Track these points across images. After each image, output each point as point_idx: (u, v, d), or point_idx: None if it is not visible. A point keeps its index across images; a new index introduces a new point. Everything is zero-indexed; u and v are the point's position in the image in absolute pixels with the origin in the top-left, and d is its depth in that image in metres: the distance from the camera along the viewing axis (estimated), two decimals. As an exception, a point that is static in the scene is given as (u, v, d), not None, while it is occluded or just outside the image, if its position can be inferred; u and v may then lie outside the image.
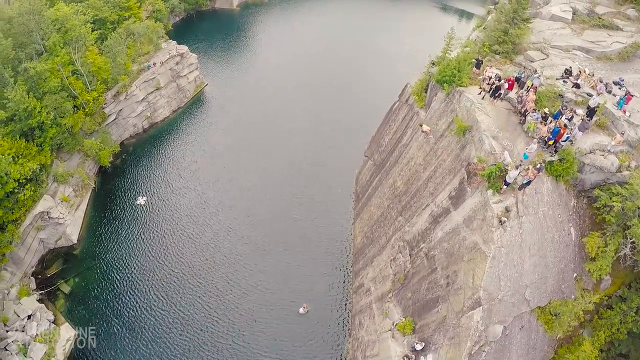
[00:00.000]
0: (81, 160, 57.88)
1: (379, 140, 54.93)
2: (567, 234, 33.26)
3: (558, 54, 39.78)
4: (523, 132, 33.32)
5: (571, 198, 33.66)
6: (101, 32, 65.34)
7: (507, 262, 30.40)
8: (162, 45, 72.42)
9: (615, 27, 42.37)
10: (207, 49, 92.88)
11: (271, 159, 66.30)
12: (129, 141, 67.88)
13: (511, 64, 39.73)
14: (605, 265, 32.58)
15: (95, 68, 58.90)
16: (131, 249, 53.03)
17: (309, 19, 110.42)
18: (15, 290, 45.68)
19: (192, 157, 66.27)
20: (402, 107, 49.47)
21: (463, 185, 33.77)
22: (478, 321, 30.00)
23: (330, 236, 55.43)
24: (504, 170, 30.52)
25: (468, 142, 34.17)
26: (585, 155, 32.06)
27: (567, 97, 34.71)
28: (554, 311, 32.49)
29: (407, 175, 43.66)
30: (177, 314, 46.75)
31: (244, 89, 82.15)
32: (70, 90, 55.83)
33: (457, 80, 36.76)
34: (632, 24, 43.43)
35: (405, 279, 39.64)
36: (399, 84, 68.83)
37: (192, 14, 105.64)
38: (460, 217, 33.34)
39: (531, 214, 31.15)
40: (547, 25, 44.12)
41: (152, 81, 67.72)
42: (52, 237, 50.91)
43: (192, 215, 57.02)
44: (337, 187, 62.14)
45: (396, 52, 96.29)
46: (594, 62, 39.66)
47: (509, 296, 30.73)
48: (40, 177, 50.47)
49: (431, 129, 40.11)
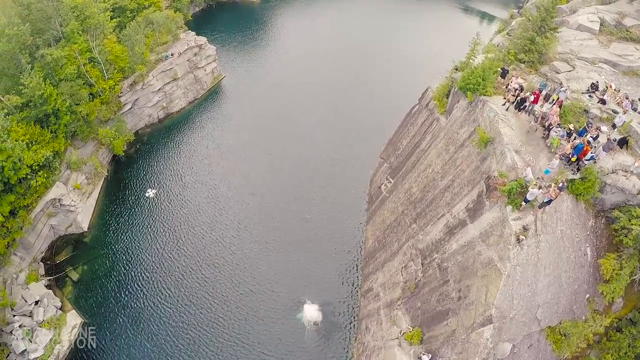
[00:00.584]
0: (95, 148, 58.01)
1: (396, 143, 54.12)
2: (583, 254, 32.51)
3: (584, 66, 38.67)
4: (546, 147, 32.49)
5: (590, 218, 32.83)
6: (120, 20, 65.22)
7: (522, 281, 29.75)
8: (181, 35, 72.13)
9: (642, 40, 41.22)
10: (226, 41, 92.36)
11: (285, 156, 65.99)
12: (143, 131, 67.92)
13: (536, 74, 38.70)
14: (618, 288, 31.92)
15: (113, 56, 58.84)
16: (140, 240, 53.14)
17: (328, 13, 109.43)
18: (24, 275, 46.01)
19: (206, 150, 66.18)
20: (422, 111, 48.59)
21: (481, 199, 33.02)
22: (488, 338, 29.51)
23: (342, 237, 55.27)
24: (525, 187, 29.79)
25: (489, 155, 33.38)
26: (607, 175, 31.13)
27: (592, 113, 33.73)
28: (563, 331, 31.90)
29: (423, 182, 42.93)
30: (182, 309, 46.83)
31: (261, 83, 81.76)
32: (86, 77, 55.79)
33: (481, 88, 35.78)
34: (662, 38, 42.18)
35: (415, 288, 39.17)
36: (417, 85, 68.15)
37: (213, 4, 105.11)
38: (477, 231, 32.64)
39: (549, 233, 30.42)
40: (574, 35, 42.92)
41: (169, 71, 67.54)
42: (62, 224, 51.21)
43: (202, 210, 56.99)
44: (351, 188, 61.66)
45: (415, 52, 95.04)
46: (620, 76, 38.50)
47: (520, 315, 30.16)
48: (53, 164, 50.61)
49: (451, 137, 39.36)
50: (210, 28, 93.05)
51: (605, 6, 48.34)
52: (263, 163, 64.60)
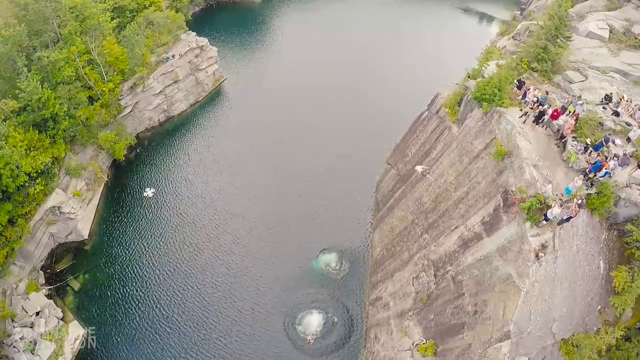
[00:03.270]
0: (95, 153, 56.82)
1: (404, 150, 53.62)
2: (596, 267, 32.54)
3: (596, 75, 38.63)
4: (562, 161, 32.40)
5: (603, 231, 32.82)
6: (119, 20, 63.63)
7: (539, 297, 29.75)
8: (182, 36, 70.77)
9: (652, 48, 41.35)
10: (227, 42, 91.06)
11: (288, 160, 65.24)
12: (144, 134, 66.70)
13: (549, 83, 38.55)
14: (629, 300, 32.00)
15: (112, 58, 57.46)
16: (142, 247, 52.25)
17: (328, 14, 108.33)
18: (23, 284, 44.99)
19: (208, 154, 65.20)
20: (432, 118, 48.10)
21: (498, 213, 32.81)
22: (506, 354, 29.49)
23: (348, 243, 54.83)
24: (544, 203, 29.65)
25: (506, 168, 33.15)
26: (621, 190, 31.20)
27: (607, 126, 33.69)
28: (576, 343, 31.94)
29: (435, 192, 42.60)
30: (187, 317, 46.28)
31: (263, 85, 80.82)
32: (85, 80, 54.53)
33: (497, 99, 35.43)
34: (669, 45, 42.39)
35: (428, 300, 38.97)
36: (420, 89, 68.23)
37: (213, 4, 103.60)
38: (494, 246, 32.46)
39: (566, 248, 30.40)
40: (584, 42, 42.88)
41: (170, 74, 66.29)
42: (62, 231, 50.17)
43: (205, 216, 56.17)
44: (356, 192, 61.17)
45: (416, 55, 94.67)
46: (631, 86, 38.57)
47: (537, 330, 30.21)
48: (52, 170, 49.40)
49: (465, 147, 39.04)
50: (210, 28, 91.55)
51: (613, 12, 48.40)
52: (266, 167, 63.75)
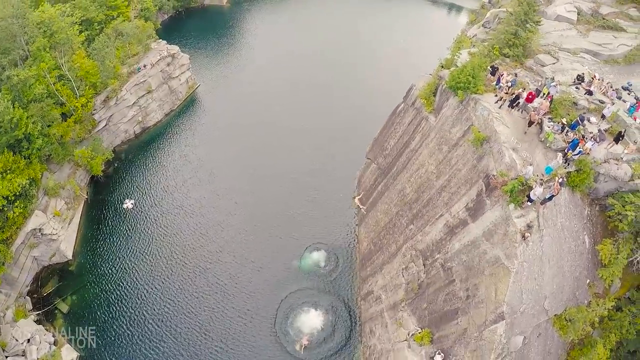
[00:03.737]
0: (72, 170, 55.60)
1: (382, 143, 54.03)
2: (581, 242, 33.41)
3: (567, 57, 39.57)
4: (540, 142, 33.09)
5: (585, 207, 33.72)
6: (88, 33, 62.55)
7: (529, 276, 30.35)
8: (152, 45, 69.80)
9: (619, 28, 42.49)
10: (198, 48, 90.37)
11: (267, 163, 65.11)
12: (120, 148, 65.56)
13: (522, 67, 39.30)
14: (617, 271, 33.01)
15: (83, 72, 56.43)
16: (129, 263, 51.41)
17: (300, 15, 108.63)
18: (11, 312, 43.73)
19: (187, 163, 64.52)
20: (408, 110, 48.54)
21: (481, 198, 33.34)
22: (501, 334, 29.96)
23: (334, 241, 54.93)
24: (526, 184, 30.24)
25: (486, 153, 33.69)
26: (600, 165, 32.03)
27: (581, 105, 34.54)
28: (569, 317, 32.74)
29: (417, 182, 43.04)
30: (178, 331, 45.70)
31: (238, 89, 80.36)
32: (57, 97, 53.39)
33: (472, 87, 36.00)
34: (634, 24, 43.63)
35: (419, 289, 39.36)
36: (395, 82, 68.96)
37: (181, 11, 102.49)
38: (480, 230, 32.96)
39: (550, 227, 31.07)
40: (553, 25, 43.86)
41: (143, 84, 65.34)
42: (46, 254, 48.92)
43: (190, 227, 55.59)
44: (338, 189, 61.34)
45: (390, 49, 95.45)
46: (601, 65, 39.66)
47: (529, 308, 30.80)
48: (30, 192, 48.18)
49: (443, 136, 39.56)
50: (181, 35, 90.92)
51: (581, -6, 49.59)
52: (245, 172, 63.53)
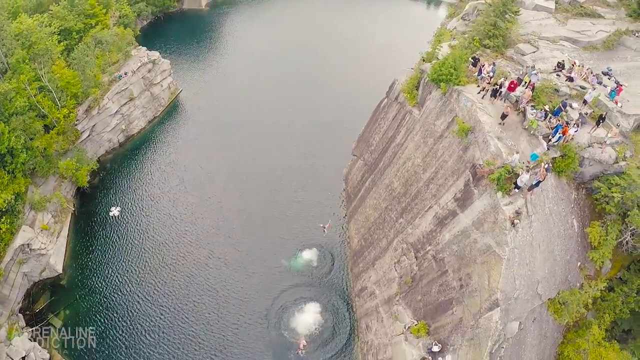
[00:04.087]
0: (57, 183, 54.69)
1: (367, 140, 54.27)
2: (570, 226, 33.94)
3: (546, 45, 40.17)
4: (524, 130, 33.48)
5: (572, 191, 34.26)
6: (67, 43, 61.71)
7: (520, 262, 30.76)
8: (132, 52, 69.04)
9: (597, 14, 43.20)
10: (179, 53, 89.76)
11: (253, 166, 64.88)
12: (105, 157, 64.80)
13: (503, 57, 39.78)
14: (607, 253, 33.71)
15: (64, 83, 55.58)
16: (120, 273, 50.80)
17: (279, 16, 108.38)
18: (4, 330, 42.83)
19: (172, 169, 63.98)
20: (392, 105, 48.84)
21: (469, 187, 33.67)
22: (497, 321, 30.30)
23: (324, 240, 54.86)
24: (512, 172, 30.59)
25: (471, 143, 34.04)
26: (584, 149, 32.56)
27: (562, 91, 35.07)
28: (562, 300, 33.25)
29: (404, 176, 43.30)
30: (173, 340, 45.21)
31: (220, 91, 80.00)
32: (38, 109, 52.57)
33: (454, 79, 36.35)
34: (612, 10, 44.37)
35: (412, 282, 39.59)
36: (378, 78, 69.29)
37: (160, 16, 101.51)
38: (469, 220, 33.30)
39: (539, 212, 31.49)
40: (532, 15, 44.48)
41: (124, 92, 64.57)
42: (35, 269, 48.04)
43: (178, 235, 55.00)
44: (326, 188, 61.53)
45: (372, 45, 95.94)
46: (581, 52, 40.36)
47: (523, 294, 31.23)
48: (16, 207, 47.37)
49: (428, 128, 39.84)
50: (160, 41, 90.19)
51: (558, -16, 50.34)
52: (231, 176, 63.19)
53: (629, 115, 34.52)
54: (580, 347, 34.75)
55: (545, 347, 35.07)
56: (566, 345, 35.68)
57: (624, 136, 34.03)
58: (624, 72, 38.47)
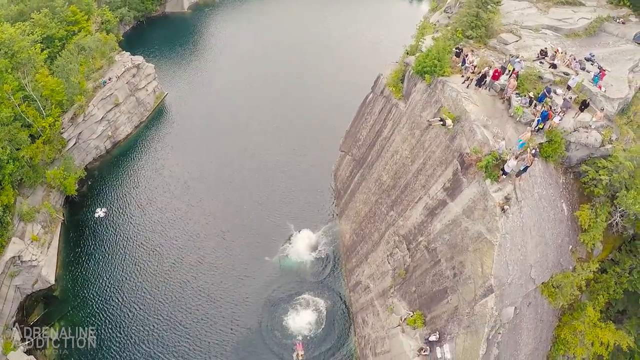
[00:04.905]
0: (45, 192, 54.02)
1: (355, 135, 54.46)
2: (560, 210, 34.34)
3: (529, 34, 40.65)
4: (510, 117, 33.86)
5: (560, 175, 34.73)
6: (50, 51, 60.97)
7: (512, 247, 31.07)
8: (116, 58, 68.42)
9: (578, 2, 43.78)
10: (163, 57, 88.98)
11: (240, 168, 64.47)
12: (92, 165, 64.02)
13: (486, 48, 40.15)
14: (597, 235, 34.25)
15: (48, 91, 54.85)
16: (112, 282, 50.28)
17: (262, 17, 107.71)
18: (-1, 346, 42.39)
19: (160, 175, 63.37)
20: (378, 99, 49.08)
21: (458, 176, 33.96)
22: (492, 307, 30.60)
23: (316, 238, 54.82)
24: (500, 159, 30.89)
25: (458, 133, 34.32)
26: (570, 134, 32.99)
27: (546, 78, 35.51)
28: (556, 284, 33.65)
29: (393, 169, 43.53)
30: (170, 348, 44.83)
31: (206, 94, 79.50)
32: (23, 119, 51.92)
33: (438, 70, 36.63)
34: (592, -3, 45.02)
35: (406, 273, 39.82)
36: (363, 74, 69.46)
37: (142, 21, 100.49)
38: (459, 208, 33.58)
39: (528, 197, 31.87)
40: (513, 5, 44.99)
41: (109, 98, 63.92)
42: (28, 281, 47.39)
43: (168, 241, 54.38)
44: (315, 186, 61.49)
45: (355, 42, 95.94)
46: (563, 39, 40.89)
47: (517, 278, 31.53)
48: (5, 219, 46.59)
49: (414, 120, 40.06)
50: (144, 45, 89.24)
51: (538, -27, 50.85)
52: (219, 179, 62.79)
53: (614, 99, 35.19)
54: (576, 329, 35.17)
55: (542, 331, 35.42)
56: (562, 328, 36.06)
57: (609, 120, 34.58)
58: (606, 57, 39.07)
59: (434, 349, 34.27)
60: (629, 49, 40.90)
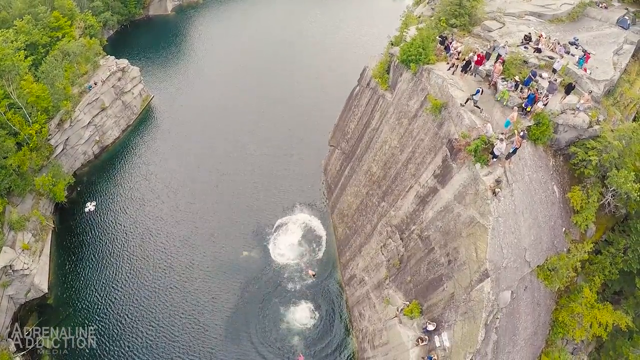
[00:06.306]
0: (34, 200, 53.33)
1: (343, 128, 54.40)
2: (551, 192, 34.38)
3: (512, 21, 40.78)
4: (497, 101, 33.87)
5: (550, 158, 34.77)
6: (34, 57, 60.21)
7: (506, 230, 31.02)
8: (101, 62, 67.79)
9: (560, -12, 43.94)
10: (148, 60, 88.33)
11: (229, 169, 64.25)
12: (81, 171, 63.33)
13: (470, 35, 40.22)
14: (590, 215, 34.46)
15: (33, 98, 54.01)
16: (106, 288, 49.82)
17: (246, 16, 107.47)
18: (-6, 357, 41.74)
19: (150, 178, 62.89)
20: (364, 91, 49.03)
21: (447, 162, 33.91)
22: (489, 292, 30.47)
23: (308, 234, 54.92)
24: (488, 142, 30.85)
25: (446, 119, 34.32)
26: (558, 116, 33.06)
27: (531, 63, 35.64)
28: (551, 267, 33.66)
29: (382, 159, 43.47)
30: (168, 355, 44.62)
31: (192, 95, 79.10)
32: (9, 126, 51.25)
33: (423, 58, 36.63)
34: (575, -17, 45.16)
35: (400, 264, 39.72)
36: (350, 68, 69.53)
37: (126, 24, 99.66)
38: (450, 194, 33.52)
39: (519, 180, 31.84)
40: (497, -7, 45.04)
41: (95, 102, 63.28)
42: (20, 291, 46.72)
43: (159, 247, 53.93)
44: (305, 182, 61.49)
45: (341, 37, 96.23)
46: (547, 25, 41.09)
47: (512, 262, 31.49)
48: (-5, 229, 46.12)
49: (402, 110, 40.02)
50: (128, 49, 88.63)
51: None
52: (208, 181, 62.40)
53: (599, 81, 35.49)
54: (574, 311, 35.26)
55: (540, 314, 35.41)
56: (560, 311, 36.11)
57: (595, 102, 34.75)
58: (590, 41, 39.37)
59: (432, 338, 34.13)
60: (613, 32, 41.25)
